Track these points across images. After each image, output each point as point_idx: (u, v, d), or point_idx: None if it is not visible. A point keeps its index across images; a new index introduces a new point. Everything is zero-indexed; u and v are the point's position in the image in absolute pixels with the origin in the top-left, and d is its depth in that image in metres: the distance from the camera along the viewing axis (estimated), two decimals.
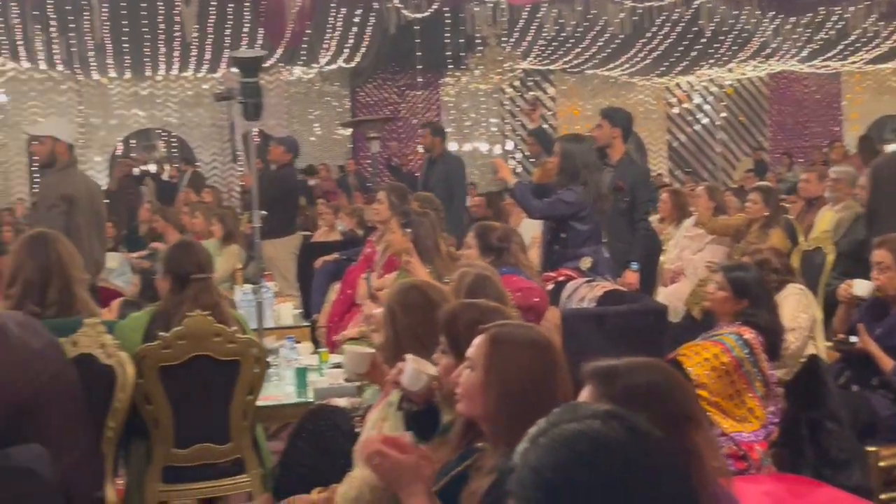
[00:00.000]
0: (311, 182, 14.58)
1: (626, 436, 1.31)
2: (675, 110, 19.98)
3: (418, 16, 14.05)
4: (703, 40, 16.13)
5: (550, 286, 5.34)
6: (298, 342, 5.31)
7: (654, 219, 7.16)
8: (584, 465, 1.28)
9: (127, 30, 13.88)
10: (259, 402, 4.10)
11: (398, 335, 3.10)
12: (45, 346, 3.48)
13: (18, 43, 14.14)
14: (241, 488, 4.10)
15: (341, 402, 4.12)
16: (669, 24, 15.55)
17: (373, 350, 3.49)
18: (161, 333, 3.83)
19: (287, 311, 6.90)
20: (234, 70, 15.56)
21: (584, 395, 1.95)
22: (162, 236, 10.08)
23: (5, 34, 13.81)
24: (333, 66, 16.57)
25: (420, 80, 17.21)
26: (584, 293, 5.19)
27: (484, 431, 2.35)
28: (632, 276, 6.12)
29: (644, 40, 16.06)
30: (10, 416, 2.99)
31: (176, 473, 3.94)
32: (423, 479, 2.24)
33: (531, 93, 18.40)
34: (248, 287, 6.68)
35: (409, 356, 2.89)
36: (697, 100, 19.98)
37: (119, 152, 17.35)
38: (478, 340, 2.33)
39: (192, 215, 8.72)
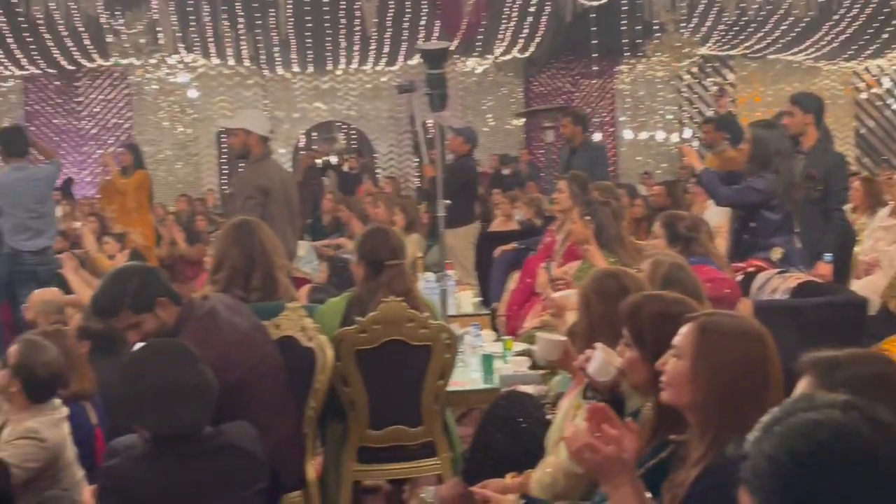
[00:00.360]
0: (505, 171, 14.64)
1: (868, 426, 1.27)
2: (864, 95, 19.07)
3: (594, 3, 13.92)
4: (895, 22, 15.34)
5: (739, 277, 5.21)
6: (483, 329, 5.37)
7: (846, 208, 6.86)
8: (824, 455, 1.26)
9: (310, 25, 14.35)
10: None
11: (592, 323, 3.09)
12: (252, 328, 3.66)
13: (209, 40, 14.84)
14: (431, 471, 4.19)
15: (528, 389, 4.15)
16: (858, 6, 14.85)
17: (565, 338, 3.50)
18: (357, 318, 3.95)
19: (467, 299, 6.99)
20: (412, 62, 15.86)
21: (803, 385, 1.90)
22: (345, 225, 10.41)
23: (197, 31, 14.51)
24: (508, 57, 16.64)
25: (595, 68, 17.08)
26: (776, 284, 5.04)
27: (689, 421, 2.32)
28: (825, 268, 5.89)
29: (831, 23, 15.40)
30: (221, 395, 3.14)
31: (370, 454, 4.06)
32: (629, 470, 2.23)
33: (709, 79, 17.95)
34: (431, 275, 6.81)
35: (598, 345, 2.88)
36: (887, 84, 18.99)
37: (301, 144, 17.98)
38: (686, 329, 2.30)
39: (375, 205, 8.94)
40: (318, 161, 14.96)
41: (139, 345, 4.70)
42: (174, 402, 2.95)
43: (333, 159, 16.07)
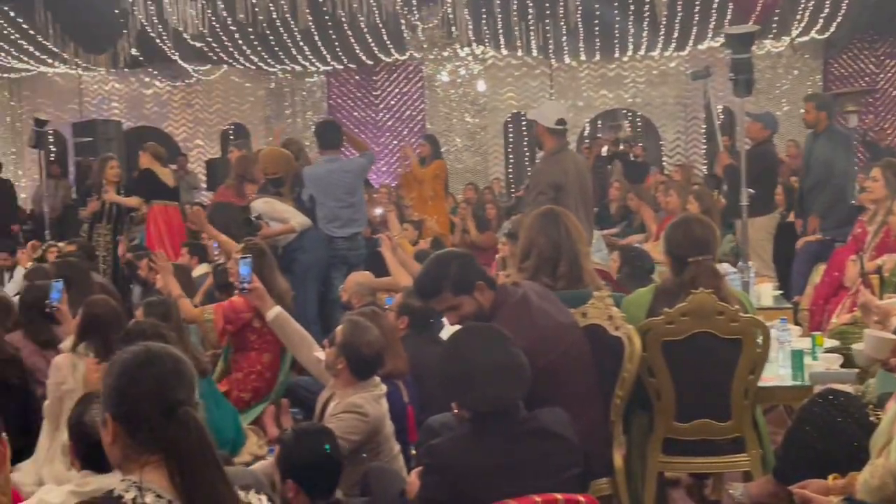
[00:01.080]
0: None
1: None
2: None
3: None
4: None
5: None
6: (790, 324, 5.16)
7: None
8: None
9: (599, 13, 14.33)
10: None
11: None
12: (561, 315, 3.73)
13: (500, 32, 15.16)
14: (738, 467, 4.09)
15: (843, 388, 3.96)
16: None
17: None
18: (665, 309, 3.91)
19: (767, 292, 6.75)
20: (702, 46, 15.30)
21: None
22: (633, 214, 10.34)
23: (488, 24, 14.86)
24: (805, 38, 15.86)
25: None
26: None
27: None
28: None
29: None
30: (533, 381, 3.22)
31: (675, 446, 4.02)
32: None
33: None
34: (727, 266, 6.64)
35: None
36: None
37: (586, 133, 17.99)
38: None
39: (667, 193, 8.81)
40: (604, 149, 14.92)
41: (447, 329, 4.92)
42: (491, 382, 3.07)
43: (619, 147, 15.97)
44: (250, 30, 14.65)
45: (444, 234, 10.60)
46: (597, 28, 15.01)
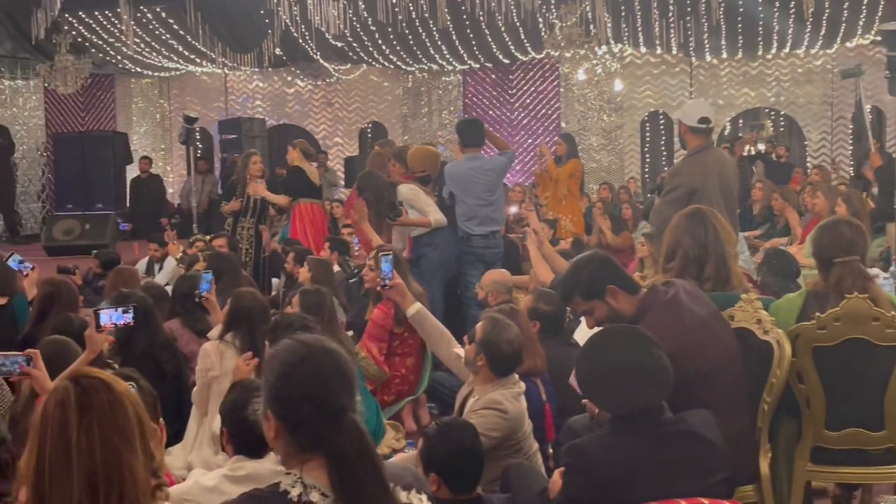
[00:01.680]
0: None
1: None
2: None
3: None
4: None
5: None
6: None
7: None
8: None
9: (742, 9, 13.99)
10: None
11: None
12: (713, 317, 3.65)
13: (639, 30, 14.97)
14: (891, 479, 3.95)
15: None
16: None
17: None
18: (817, 314, 3.79)
19: None
20: (850, 44, 14.76)
21: None
22: (776, 216, 10.06)
23: (627, 22, 14.69)
24: None
25: None
26: None
27: None
28: None
29: None
30: (683, 384, 3.16)
31: (824, 455, 3.89)
32: None
33: None
34: (877, 270, 6.42)
35: None
36: None
37: (727, 133, 17.59)
38: None
39: (814, 195, 8.54)
40: (747, 149, 14.57)
41: (581, 330, 4.89)
42: (629, 385, 3.03)
43: (761, 147, 15.58)
44: (390, 29, 14.87)
45: (579, 233, 10.54)
46: (740, 24, 14.67)
